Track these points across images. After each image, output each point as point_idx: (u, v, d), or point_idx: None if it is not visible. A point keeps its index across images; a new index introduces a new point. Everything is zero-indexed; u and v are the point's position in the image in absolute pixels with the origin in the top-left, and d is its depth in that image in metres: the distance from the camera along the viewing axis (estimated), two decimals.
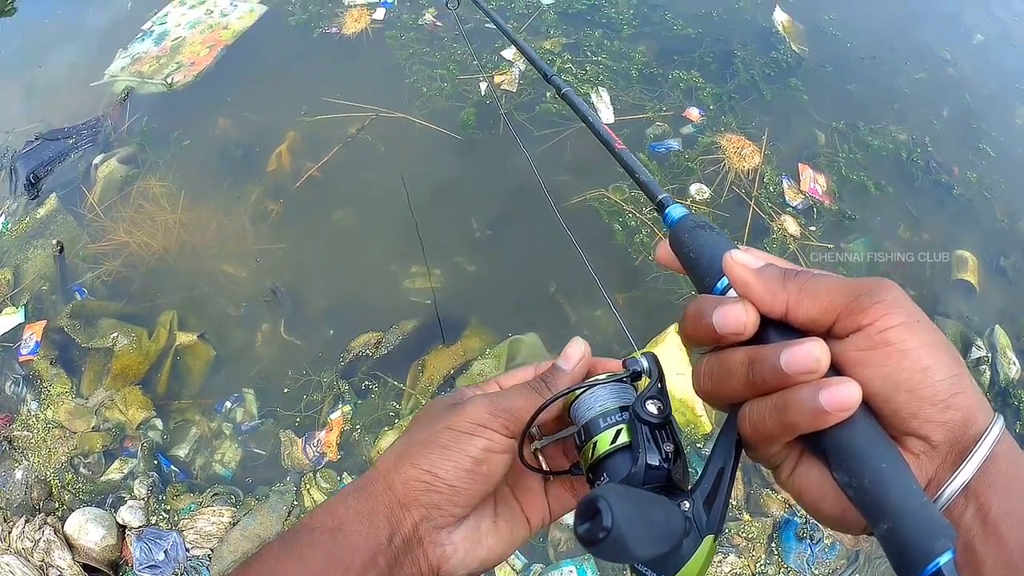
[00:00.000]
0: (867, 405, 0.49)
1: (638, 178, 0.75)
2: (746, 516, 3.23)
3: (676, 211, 0.66)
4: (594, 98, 4.45)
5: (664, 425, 0.62)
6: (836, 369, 0.50)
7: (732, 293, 0.56)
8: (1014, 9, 5.90)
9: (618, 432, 0.63)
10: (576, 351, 0.69)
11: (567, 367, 0.68)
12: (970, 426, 0.48)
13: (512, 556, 3.08)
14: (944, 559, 0.42)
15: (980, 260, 4.10)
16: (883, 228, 4.17)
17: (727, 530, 3.17)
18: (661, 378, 0.65)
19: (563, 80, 1.09)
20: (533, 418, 0.65)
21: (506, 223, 4.05)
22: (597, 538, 0.49)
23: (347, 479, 3.30)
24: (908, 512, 0.45)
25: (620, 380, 0.67)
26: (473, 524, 0.67)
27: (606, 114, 4.40)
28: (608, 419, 0.64)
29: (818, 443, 0.50)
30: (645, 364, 0.66)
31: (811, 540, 3.15)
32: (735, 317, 0.53)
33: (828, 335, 0.51)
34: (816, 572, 3.12)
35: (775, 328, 0.54)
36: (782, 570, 3.12)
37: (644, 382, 0.66)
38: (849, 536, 3.17)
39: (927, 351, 0.48)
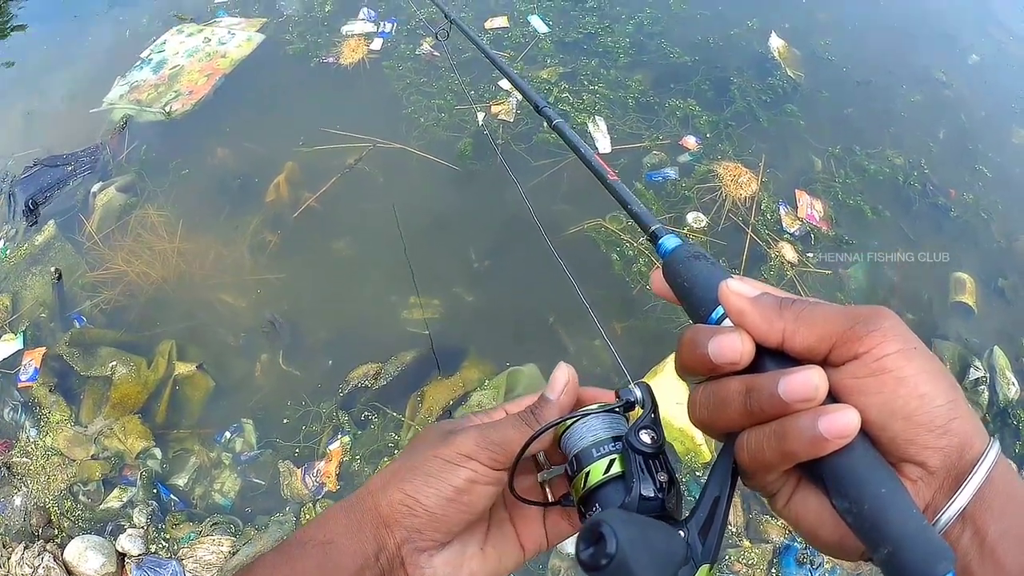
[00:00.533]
0: (864, 432, 0.49)
1: (631, 209, 0.75)
2: (746, 542, 3.22)
3: (670, 241, 0.66)
4: (591, 127, 4.46)
5: (658, 455, 0.61)
6: (833, 397, 0.50)
7: (727, 323, 0.56)
8: (1009, 29, 5.92)
9: (611, 462, 0.62)
10: (561, 377, 0.68)
11: (553, 396, 0.68)
12: (967, 451, 0.48)
13: None
14: None
15: (978, 281, 4.10)
16: (881, 252, 4.16)
17: (727, 557, 3.16)
18: (655, 408, 0.65)
19: (556, 111, 1.09)
20: (523, 449, 0.64)
21: (504, 253, 4.06)
22: (600, 564, 0.48)
23: None
24: (908, 536, 0.45)
25: (612, 410, 0.66)
26: (457, 549, 0.67)
27: (603, 143, 4.41)
28: (600, 449, 0.64)
29: (816, 470, 0.50)
30: (639, 394, 0.66)
31: (811, 565, 3.13)
32: (731, 347, 0.53)
33: (824, 363, 0.51)
34: None
35: (771, 357, 0.54)
36: None
37: (638, 412, 0.66)
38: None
39: (924, 378, 0.49)
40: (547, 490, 0.72)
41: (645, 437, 0.61)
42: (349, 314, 3.97)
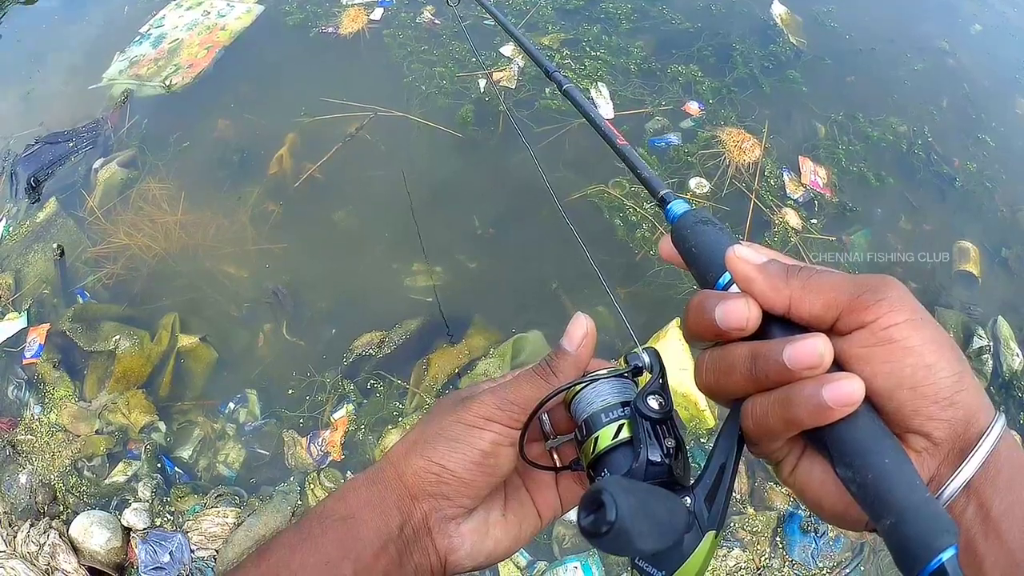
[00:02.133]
0: (870, 402, 0.49)
1: (639, 174, 0.75)
2: (750, 510, 3.22)
3: (678, 206, 0.66)
4: (593, 93, 4.45)
5: (665, 420, 0.62)
6: (839, 365, 0.50)
7: (734, 288, 0.56)
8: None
9: (620, 427, 0.63)
10: (579, 330, 0.67)
11: (571, 348, 0.67)
12: (972, 424, 0.49)
13: (516, 553, 3.08)
14: (947, 555, 0.42)
15: (982, 251, 4.09)
16: (884, 220, 4.16)
17: (731, 524, 3.16)
18: (663, 373, 0.65)
19: (564, 76, 1.08)
20: (536, 411, 0.64)
21: (508, 220, 4.05)
22: (600, 531, 0.48)
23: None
24: (911, 508, 0.45)
25: (621, 375, 0.66)
26: (482, 517, 0.68)
27: (606, 109, 4.39)
28: (610, 414, 0.64)
29: (821, 439, 0.50)
30: (646, 359, 0.66)
31: (816, 533, 3.14)
32: (738, 312, 0.53)
33: (831, 331, 0.51)
34: (821, 565, 3.11)
35: (777, 324, 0.54)
36: (787, 563, 3.12)
37: (646, 378, 0.66)
38: None
39: (931, 348, 0.48)
40: (555, 456, 0.73)
41: (653, 403, 0.62)
42: (352, 282, 3.97)
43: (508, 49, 4.73)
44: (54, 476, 3.53)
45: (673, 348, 3.27)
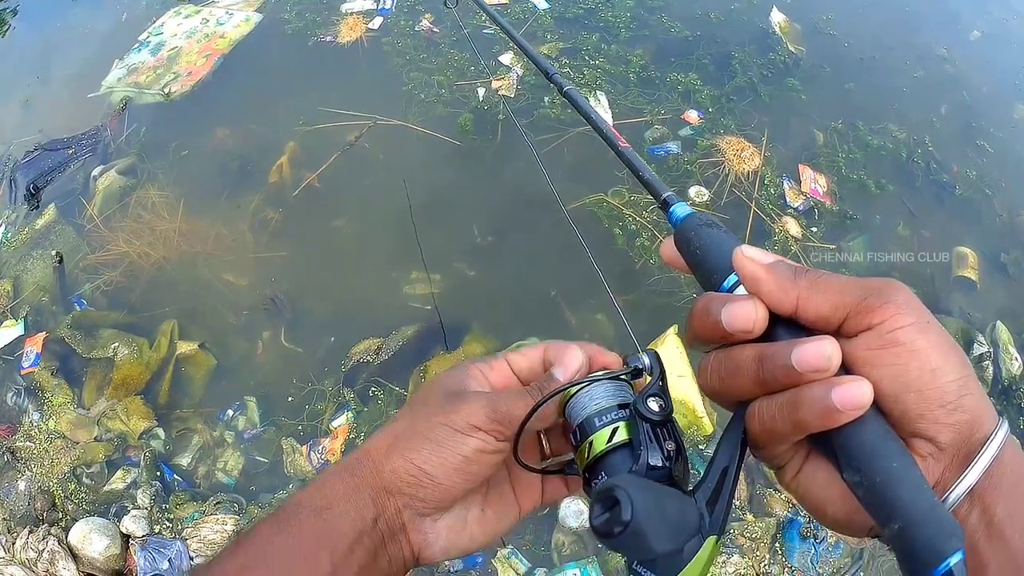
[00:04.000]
0: (876, 405, 0.49)
1: (642, 176, 0.75)
2: (750, 516, 3.22)
3: (681, 209, 0.65)
4: (592, 102, 4.45)
5: (666, 423, 0.61)
6: (845, 368, 0.49)
7: (739, 291, 0.56)
8: (1010, 6, 5.93)
9: (615, 430, 0.62)
10: (574, 362, 0.67)
11: (563, 378, 0.66)
12: (977, 429, 0.48)
13: (516, 560, 3.08)
14: (955, 559, 0.42)
15: (980, 256, 4.09)
16: (883, 227, 4.16)
17: (731, 530, 3.15)
18: (663, 375, 0.64)
19: (566, 79, 1.08)
20: (526, 420, 0.63)
21: (507, 229, 4.05)
22: (613, 532, 0.48)
23: None
24: (919, 512, 0.44)
25: (617, 377, 0.66)
26: (459, 514, 0.67)
27: (605, 118, 4.38)
28: (604, 417, 0.63)
29: (827, 442, 0.50)
30: (647, 361, 0.65)
31: (815, 539, 3.14)
32: (745, 314, 0.53)
33: (837, 334, 0.50)
34: (821, 571, 3.10)
35: (783, 326, 0.53)
36: (786, 570, 3.11)
37: (645, 381, 0.65)
38: None
39: (937, 352, 0.48)
40: (544, 443, 0.72)
41: (653, 405, 0.60)
42: (350, 290, 3.97)
43: (507, 58, 4.74)
44: (53, 483, 3.52)
45: (671, 355, 3.27)
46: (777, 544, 3.18)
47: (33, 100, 5.28)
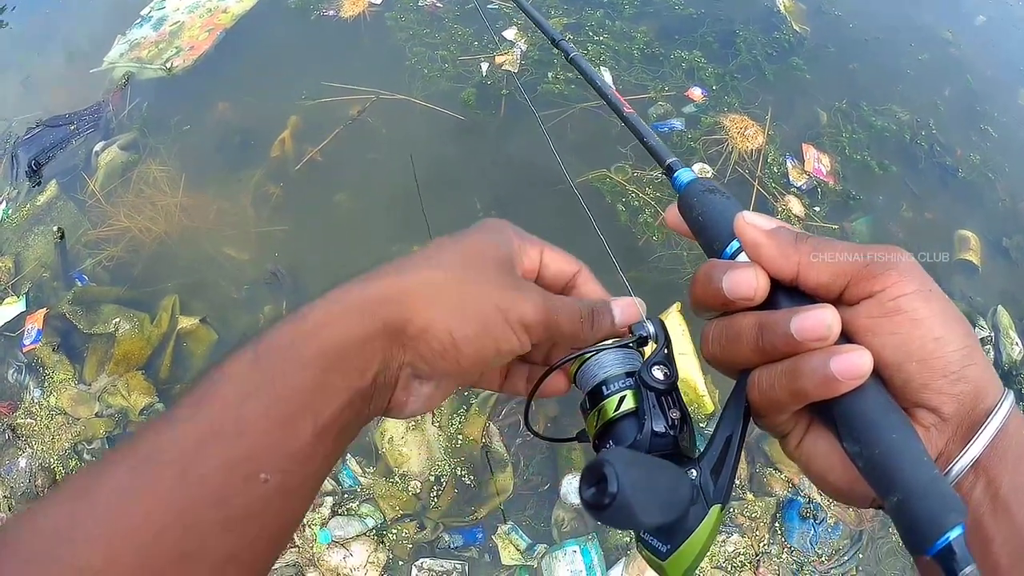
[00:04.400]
0: (877, 375, 0.49)
1: (646, 142, 0.75)
2: (749, 496, 3.23)
3: (685, 175, 0.66)
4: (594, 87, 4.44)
5: (671, 391, 0.61)
6: (846, 336, 0.49)
7: (742, 258, 0.55)
8: None
9: (622, 398, 0.62)
10: (630, 310, 0.66)
11: (617, 319, 0.65)
12: (981, 400, 0.48)
13: (516, 536, 3.09)
14: (955, 533, 0.42)
15: (982, 240, 4.10)
16: (886, 207, 4.17)
17: (731, 509, 3.16)
18: (668, 344, 0.64)
19: (571, 45, 1.08)
20: (536, 386, 0.65)
21: (509, 203, 4.04)
22: (602, 504, 0.48)
23: (352, 464, 3.29)
24: (919, 485, 0.44)
25: (626, 345, 0.66)
26: (440, 381, 0.62)
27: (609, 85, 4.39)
28: (612, 385, 0.63)
29: (828, 412, 0.50)
30: (652, 329, 0.65)
31: (815, 520, 3.15)
32: (746, 282, 0.52)
33: (839, 301, 0.51)
34: (819, 552, 3.11)
35: (785, 293, 0.53)
36: (785, 550, 3.12)
37: (651, 348, 0.65)
38: (852, 515, 3.18)
39: (940, 321, 0.48)
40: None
41: (658, 373, 0.61)
42: (352, 264, 3.95)
43: (511, 33, 4.72)
44: (54, 459, 3.53)
45: (673, 333, 3.27)
46: (777, 524, 3.19)
47: (34, 75, 5.27)
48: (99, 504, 0.43)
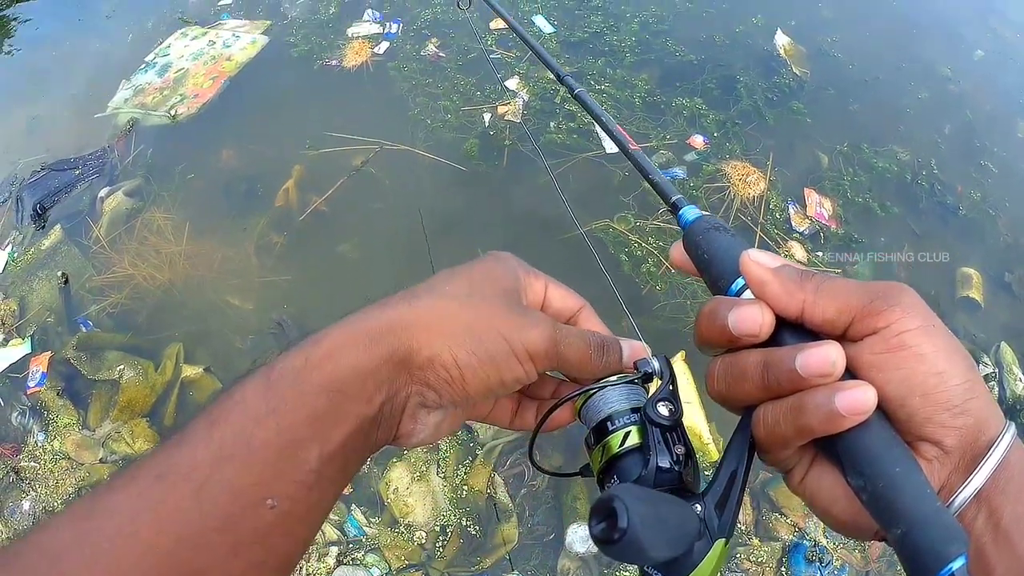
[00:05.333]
0: (881, 409, 0.49)
1: (651, 179, 0.75)
2: (755, 540, 3.21)
3: (690, 212, 0.66)
4: (597, 127, 4.46)
5: (675, 427, 0.61)
6: (851, 372, 0.50)
7: (747, 295, 0.56)
8: (1014, 24, 5.93)
9: (627, 434, 0.62)
10: (639, 351, 0.67)
11: (624, 355, 0.66)
12: (983, 432, 0.48)
13: None
14: (957, 564, 0.43)
15: (984, 276, 4.10)
16: (887, 248, 4.16)
17: (736, 555, 3.15)
18: (673, 379, 0.64)
19: (576, 81, 1.09)
20: (544, 419, 0.65)
21: (513, 252, 3.97)
22: (612, 539, 0.48)
23: (357, 513, 3.29)
24: (922, 517, 0.45)
25: (631, 382, 0.66)
26: (449, 410, 0.63)
27: (609, 142, 4.40)
28: (617, 421, 0.63)
29: (832, 447, 0.50)
30: (657, 365, 0.65)
31: (820, 563, 3.13)
32: (751, 318, 0.53)
33: (843, 338, 0.51)
34: None
35: (789, 330, 0.54)
36: None
37: (655, 385, 0.65)
38: (858, 557, 3.17)
39: (943, 356, 0.48)
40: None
41: (663, 409, 0.61)
42: None
43: (513, 83, 4.76)
44: (57, 503, 3.52)
45: (678, 382, 3.27)
46: (783, 568, 3.18)
47: (39, 118, 5.29)
48: (110, 521, 0.44)
